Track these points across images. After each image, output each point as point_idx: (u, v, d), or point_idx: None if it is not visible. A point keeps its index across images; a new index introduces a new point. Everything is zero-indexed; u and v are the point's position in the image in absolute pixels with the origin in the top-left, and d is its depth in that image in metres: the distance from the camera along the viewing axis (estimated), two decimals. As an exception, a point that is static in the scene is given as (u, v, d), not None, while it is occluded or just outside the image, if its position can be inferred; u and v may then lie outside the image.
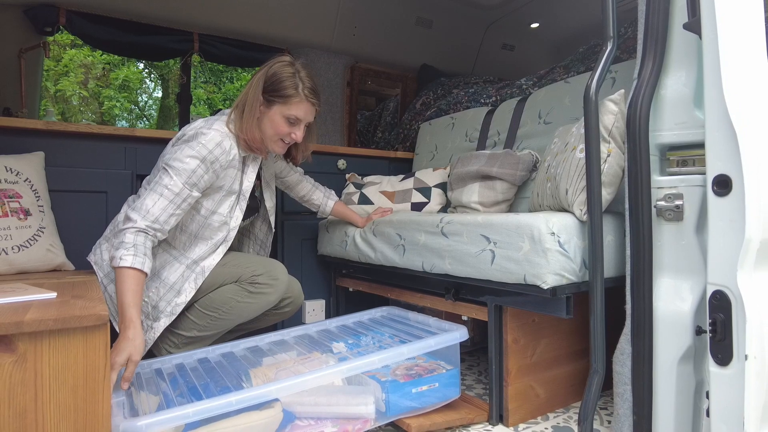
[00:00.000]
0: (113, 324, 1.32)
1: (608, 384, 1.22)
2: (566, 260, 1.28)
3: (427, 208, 2.15)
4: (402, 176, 2.29)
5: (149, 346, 1.48)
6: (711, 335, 0.99)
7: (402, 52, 3.48)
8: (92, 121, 10.36)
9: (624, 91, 1.34)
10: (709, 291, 0.99)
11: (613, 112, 1.33)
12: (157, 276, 1.51)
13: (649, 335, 1.12)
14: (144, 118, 11.70)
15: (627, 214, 1.17)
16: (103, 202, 1.87)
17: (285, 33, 3.09)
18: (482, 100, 2.73)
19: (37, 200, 1.62)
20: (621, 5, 1.33)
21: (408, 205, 2.16)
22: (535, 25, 3.69)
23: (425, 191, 2.18)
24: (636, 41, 1.20)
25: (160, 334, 1.49)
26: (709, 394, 0.99)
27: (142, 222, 1.34)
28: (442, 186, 2.18)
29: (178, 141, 1.48)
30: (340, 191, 2.31)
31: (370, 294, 2.11)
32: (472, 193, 1.91)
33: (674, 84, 1.13)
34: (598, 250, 1.20)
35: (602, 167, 1.32)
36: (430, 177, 2.22)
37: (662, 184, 1.13)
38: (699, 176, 1.07)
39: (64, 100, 9.94)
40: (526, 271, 1.30)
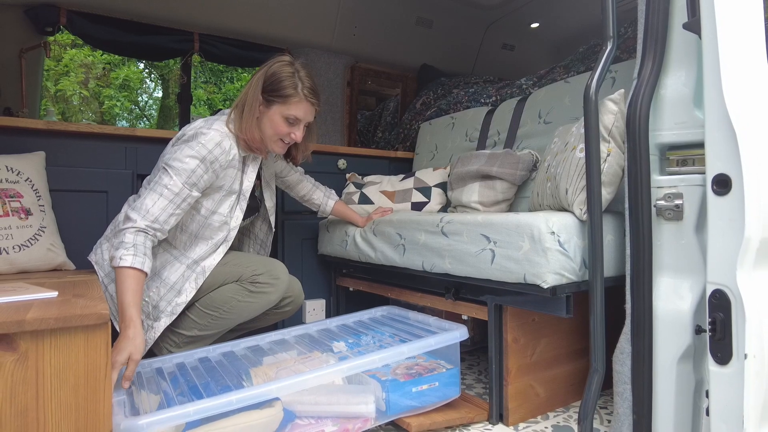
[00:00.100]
0: (114, 323, 1.33)
1: (608, 383, 1.22)
2: (566, 260, 1.28)
3: (427, 207, 2.15)
4: (402, 176, 2.30)
5: (150, 345, 1.49)
6: (710, 334, 0.99)
7: (402, 52, 3.48)
8: (92, 121, 10.36)
9: (624, 90, 1.34)
10: (709, 290, 0.99)
11: (612, 112, 1.33)
12: (157, 276, 1.51)
13: (648, 334, 1.12)
14: (144, 118, 11.70)
15: (627, 213, 1.17)
16: (103, 202, 1.88)
17: (285, 33, 3.09)
18: (482, 100, 2.73)
19: (38, 200, 1.62)
20: (621, 5, 1.33)
21: (408, 205, 2.16)
22: (535, 25, 3.69)
23: (425, 191, 2.18)
24: (636, 41, 1.20)
25: (160, 334, 1.50)
26: (708, 393, 0.99)
27: (142, 222, 1.34)
28: (442, 186, 2.18)
29: (177, 141, 1.48)
30: (341, 191, 2.31)
31: (370, 293, 2.11)
32: (472, 193, 1.91)
33: (674, 84, 1.13)
34: (598, 249, 1.20)
35: (602, 167, 1.32)
36: (430, 177, 2.22)
37: (662, 183, 1.13)
38: (699, 176, 1.07)
39: (65, 100, 9.94)
40: (526, 270, 1.30)
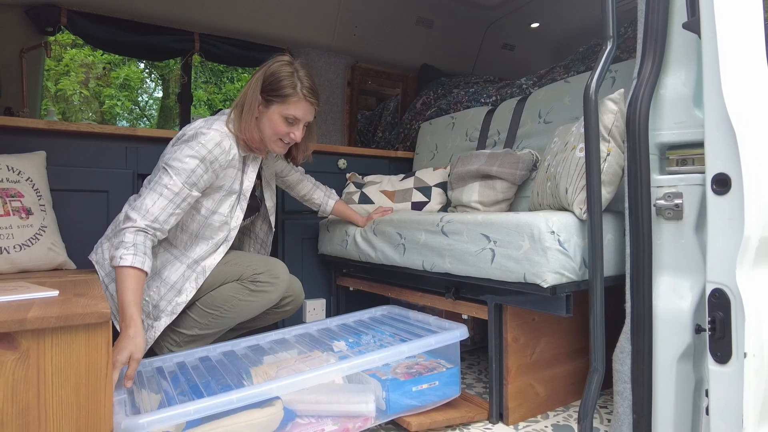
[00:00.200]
0: (114, 323, 1.33)
1: (608, 382, 1.22)
2: (566, 259, 1.28)
3: (427, 207, 2.16)
4: (402, 176, 2.30)
5: (150, 344, 1.49)
6: (710, 333, 0.99)
7: (402, 52, 3.48)
8: (93, 121, 10.36)
9: (624, 90, 1.34)
10: (709, 289, 1.00)
11: (612, 112, 1.33)
12: (158, 275, 1.51)
13: (648, 334, 1.12)
14: (144, 118, 11.71)
15: (627, 213, 1.17)
16: (104, 202, 1.88)
17: (285, 33, 3.09)
18: (482, 100, 2.73)
19: (39, 199, 1.62)
20: (621, 5, 1.33)
21: (408, 205, 2.16)
22: (535, 25, 3.69)
23: (425, 191, 2.18)
24: (636, 41, 1.21)
25: (161, 333, 1.50)
26: (708, 392, 0.99)
27: (142, 221, 1.34)
28: (443, 185, 2.18)
29: (178, 141, 1.49)
30: (341, 191, 2.32)
31: (370, 293, 2.11)
32: (473, 193, 1.91)
33: (674, 83, 1.13)
34: (598, 248, 1.20)
35: (602, 166, 1.32)
36: (430, 176, 2.22)
37: (662, 183, 1.13)
38: (698, 175, 1.08)
39: (65, 100, 9.94)
40: (526, 269, 1.30)
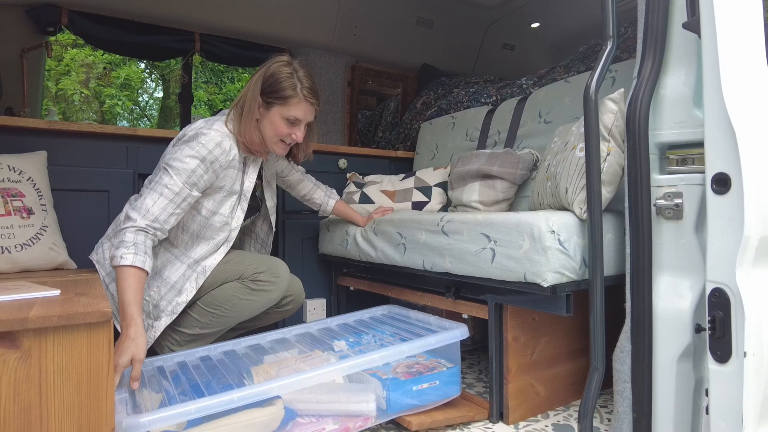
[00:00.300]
0: (115, 323, 1.33)
1: (608, 382, 1.22)
2: (566, 258, 1.28)
3: (427, 207, 2.16)
4: (403, 175, 2.30)
5: (150, 344, 1.49)
6: (710, 333, 0.99)
7: (402, 52, 3.48)
8: (93, 121, 10.36)
9: (624, 90, 1.34)
10: (708, 289, 1.00)
11: (612, 111, 1.33)
12: (158, 275, 1.51)
13: (648, 333, 1.12)
14: (145, 118, 11.71)
15: (627, 212, 1.17)
16: (105, 201, 1.88)
17: (286, 33, 3.10)
18: (483, 100, 2.73)
19: (40, 199, 1.63)
20: (621, 5, 1.34)
21: (409, 204, 2.17)
22: (535, 24, 3.69)
23: (426, 190, 2.18)
24: (636, 41, 1.21)
25: (162, 332, 1.50)
26: (708, 391, 1.00)
27: (142, 221, 1.34)
28: (443, 185, 2.19)
29: (178, 142, 1.49)
30: (341, 190, 2.32)
31: (370, 293, 2.11)
32: (473, 192, 1.91)
33: (674, 83, 1.13)
34: (598, 248, 1.21)
35: (602, 166, 1.33)
36: (430, 176, 2.22)
37: (662, 182, 1.14)
38: (698, 175, 1.08)
39: (65, 100, 9.95)
40: (526, 269, 1.31)
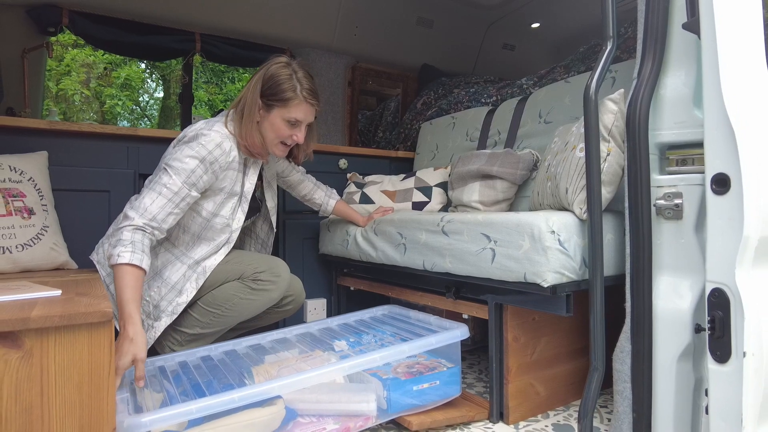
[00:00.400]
0: (115, 323, 1.33)
1: (608, 382, 1.22)
2: (566, 258, 1.28)
3: (428, 207, 2.16)
4: (403, 175, 2.30)
5: (151, 344, 1.49)
6: (710, 333, 0.99)
7: (403, 52, 3.48)
8: (94, 121, 10.37)
9: (624, 90, 1.34)
10: (708, 289, 1.00)
11: (612, 112, 1.33)
12: (158, 275, 1.51)
13: (648, 333, 1.12)
14: (145, 118, 11.71)
15: (627, 212, 1.18)
16: (105, 201, 1.88)
17: (286, 33, 3.10)
18: (483, 100, 2.73)
19: (41, 199, 1.63)
20: (621, 5, 1.34)
21: (409, 204, 2.17)
22: (535, 25, 3.69)
23: (426, 190, 2.18)
24: (636, 41, 1.21)
25: (162, 332, 1.51)
26: (708, 391, 1.00)
27: (140, 220, 1.35)
28: (443, 185, 2.19)
29: (178, 142, 1.49)
30: (342, 190, 2.32)
31: (371, 293, 2.12)
32: (473, 192, 1.91)
33: (673, 83, 1.13)
34: (598, 248, 1.21)
35: (602, 166, 1.33)
36: (430, 176, 2.22)
37: (662, 182, 1.14)
38: (698, 175, 1.08)
39: (66, 100, 9.95)
40: (526, 269, 1.31)
